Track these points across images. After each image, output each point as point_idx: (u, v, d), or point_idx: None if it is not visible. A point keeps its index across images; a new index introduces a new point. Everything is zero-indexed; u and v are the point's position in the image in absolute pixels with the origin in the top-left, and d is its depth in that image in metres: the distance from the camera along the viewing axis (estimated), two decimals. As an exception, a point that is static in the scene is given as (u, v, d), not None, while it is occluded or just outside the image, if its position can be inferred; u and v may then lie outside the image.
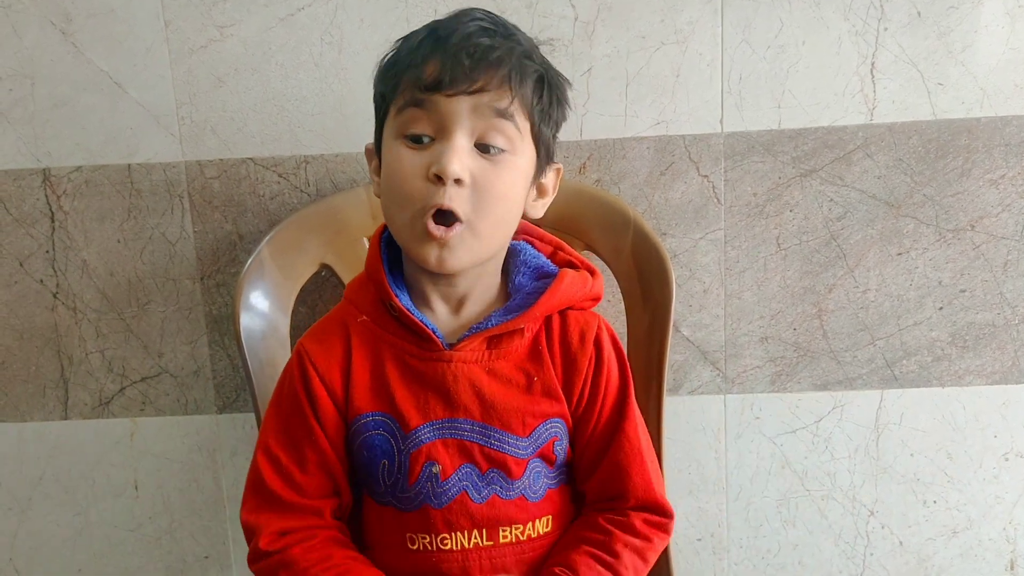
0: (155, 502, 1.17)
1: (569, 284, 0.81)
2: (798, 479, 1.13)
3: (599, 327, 0.83)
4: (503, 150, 0.75)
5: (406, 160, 0.74)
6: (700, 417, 1.12)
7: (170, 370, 1.13)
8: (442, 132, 0.74)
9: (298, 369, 0.81)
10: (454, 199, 0.73)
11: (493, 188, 0.74)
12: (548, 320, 0.82)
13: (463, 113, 0.73)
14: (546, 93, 0.77)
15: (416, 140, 0.74)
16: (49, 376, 1.13)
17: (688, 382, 1.11)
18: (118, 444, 1.15)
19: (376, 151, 0.81)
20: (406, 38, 0.77)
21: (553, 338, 0.82)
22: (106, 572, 1.19)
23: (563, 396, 0.81)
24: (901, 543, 1.15)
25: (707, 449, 1.13)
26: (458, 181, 0.73)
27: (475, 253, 0.77)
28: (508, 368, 0.80)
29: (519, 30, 0.78)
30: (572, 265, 0.85)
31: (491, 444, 0.80)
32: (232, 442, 1.14)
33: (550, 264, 0.85)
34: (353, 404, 0.80)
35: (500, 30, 0.75)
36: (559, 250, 0.87)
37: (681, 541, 1.16)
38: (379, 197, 0.81)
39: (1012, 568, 1.15)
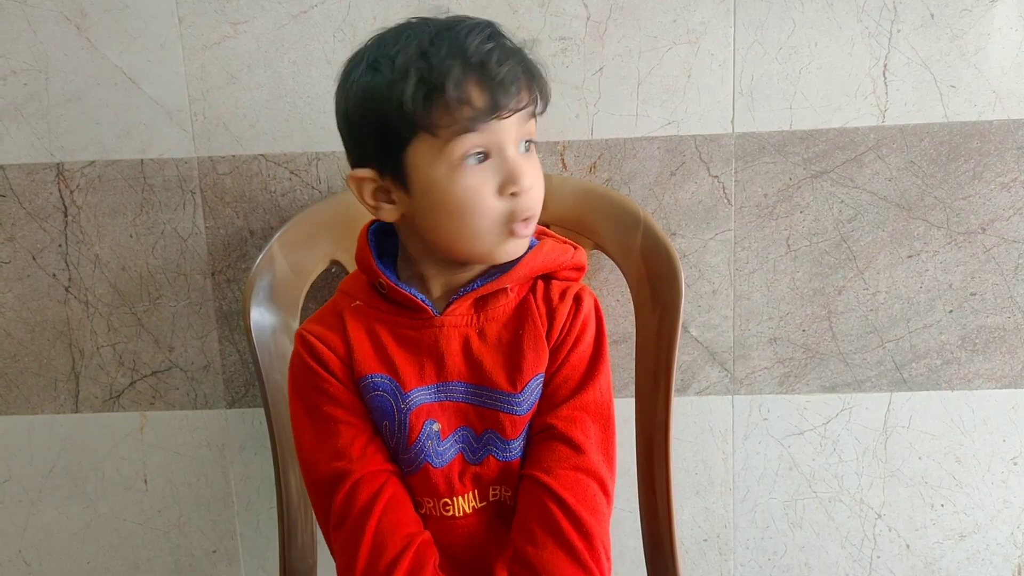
0: (164, 496, 1.18)
1: (550, 249, 0.85)
2: (805, 481, 1.13)
3: (581, 289, 0.87)
4: (533, 144, 0.80)
5: (474, 183, 0.77)
6: (708, 418, 1.12)
7: (180, 365, 1.13)
8: (497, 149, 0.77)
9: (302, 345, 0.84)
10: (531, 204, 0.78)
11: (541, 179, 0.80)
12: (534, 287, 0.85)
13: (513, 128, 0.77)
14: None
15: (478, 161, 0.77)
16: (60, 369, 1.14)
17: (696, 382, 1.11)
18: (128, 438, 1.16)
19: (390, 175, 0.79)
20: (421, 58, 0.74)
21: (538, 299, 0.85)
22: (114, 565, 1.20)
23: (547, 345, 0.83)
24: (908, 546, 1.14)
25: (714, 450, 1.13)
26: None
27: (532, 233, 0.82)
28: (496, 328, 0.83)
29: (495, 29, 0.79)
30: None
31: (484, 403, 0.83)
32: (241, 437, 1.15)
33: (534, 240, 0.88)
34: (357, 367, 0.82)
35: (508, 41, 0.78)
36: (544, 235, 0.90)
37: (687, 541, 1.16)
38: (391, 221, 0.81)
39: (1020, 573, 1.15)
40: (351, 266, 1.02)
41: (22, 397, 1.15)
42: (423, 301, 0.81)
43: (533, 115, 0.79)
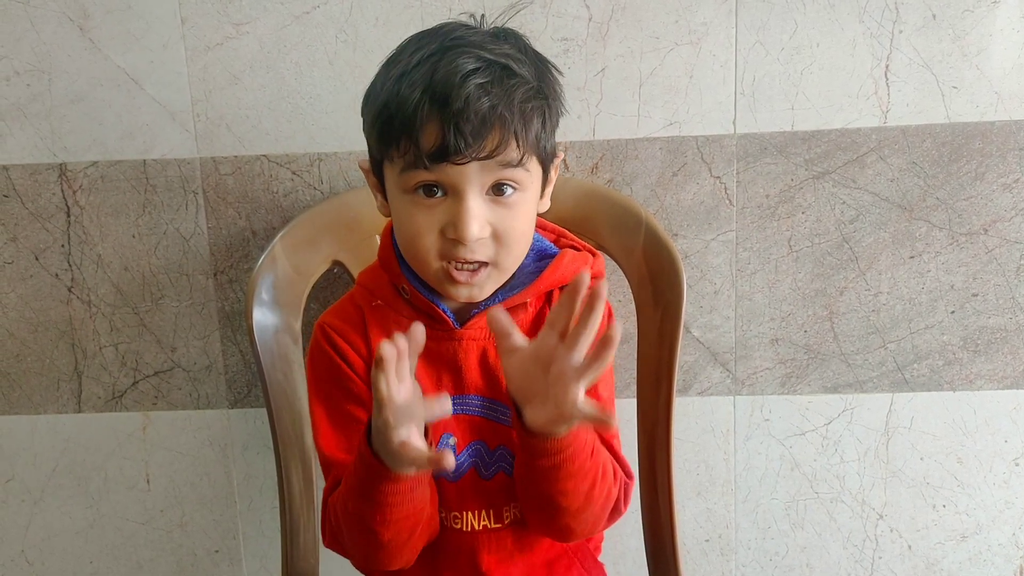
0: (167, 496, 1.18)
1: (570, 261, 0.84)
2: (807, 481, 1.13)
3: None
4: (515, 190, 0.75)
5: (418, 218, 0.74)
6: (709, 418, 1.12)
7: (183, 365, 1.13)
8: (452, 191, 0.73)
9: (323, 339, 0.83)
10: (476, 252, 0.74)
11: (513, 231, 0.76)
12: (550, 297, 0.84)
13: (472, 174, 0.72)
14: (549, 120, 0.77)
15: (426, 193, 0.74)
16: (63, 369, 1.14)
17: (698, 383, 1.11)
18: (131, 438, 1.16)
19: (374, 173, 0.80)
20: (396, 82, 0.73)
21: None
22: (117, 565, 1.20)
23: None
24: (910, 547, 1.14)
25: (716, 450, 1.13)
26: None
27: (500, 281, 0.80)
28: None
29: (512, 52, 0.75)
30: (574, 248, 0.87)
31: (499, 419, 0.82)
32: (243, 437, 1.15)
33: (553, 247, 0.87)
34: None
35: (496, 77, 0.72)
36: (562, 237, 0.89)
37: (689, 542, 1.16)
38: (385, 215, 0.82)
39: (1021, 574, 1.15)
40: (353, 266, 1.02)
41: (25, 397, 1.15)
42: (445, 312, 0.80)
43: (512, 165, 0.73)
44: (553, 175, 0.83)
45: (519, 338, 0.71)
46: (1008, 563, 1.14)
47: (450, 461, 0.64)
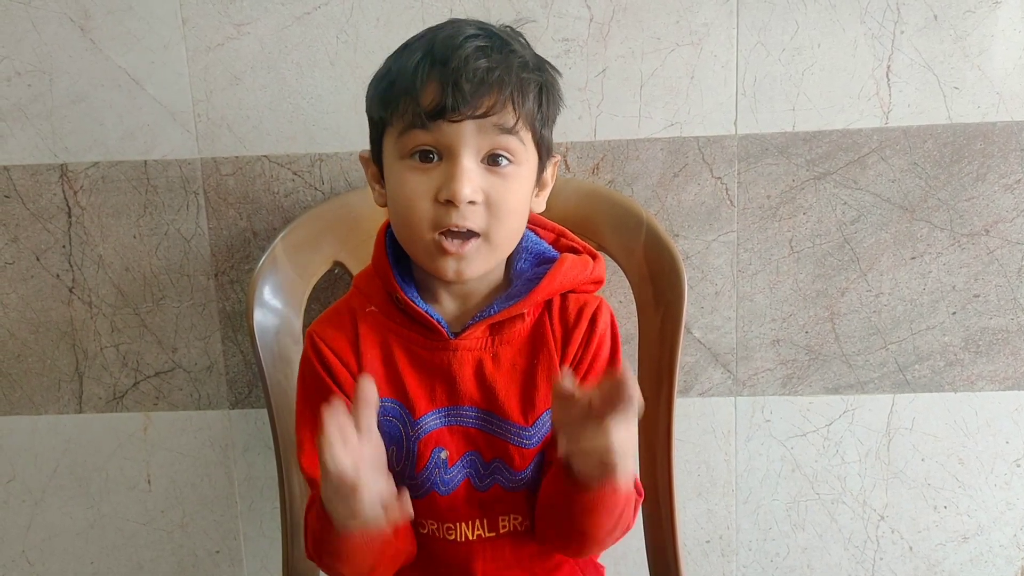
0: (168, 496, 1.18)
1: (569, 267, 0.82)
2: (808, 483, 1.13)
3: (598, 306, 0.84)
4: (510, 162, 0.76)
5: (413, 183, 0.75)
6: (710, 419, 1.12)
7: (184, 365, 1.13)
8: (448, 153, 0.74)
9: (312, 351, 0.82)
10: (467, 218, 0.74)
11: (504, 202, 0.75)
12: (549, 304, 0.83)
13: (468, 135, 0.73)
14: (545, 100, 0.78)
15: (422, 159, 0.74)
16: (64, 370, 1.14)
17: (699, 384, 1.11)
18: (132, 438, 1.16)
19: (374, 160, 0.81)
20: (399, 54, 0.76)
21: (554, 320, 0.83)
22: (118, 565, 1.20)
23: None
24: (911, 548, 1.14)
25: (717, 451, 1.13)
26: (471, 202, 0.74)
27: (490, 261, 0.78)
28: (511, 353, 0.81)
29: (513, 36, 0.77)
30: (574, 251, 0.86)
31: (494, 431, 0.81)
32: (244, 438, 1.15)
33: (551, 250, 0.86)
34: None
35: (496, 45, 0.74)
36: (561, 237, 0.88)
37: (690, 543, 1.16)
38: (381, 206, 0.82)
39: (1022, 575, 1.15)
40: (354, 267, 1.02)
41: (26, 397, 1.16)
42: (439, 322, 0.80)
43: (508, 131, 0.74)
44: (550, 176, 0.83)
45: (577, 392, 0.71)
46: (1009, 564, 1.14)
47: (408, 510, 0.66)
